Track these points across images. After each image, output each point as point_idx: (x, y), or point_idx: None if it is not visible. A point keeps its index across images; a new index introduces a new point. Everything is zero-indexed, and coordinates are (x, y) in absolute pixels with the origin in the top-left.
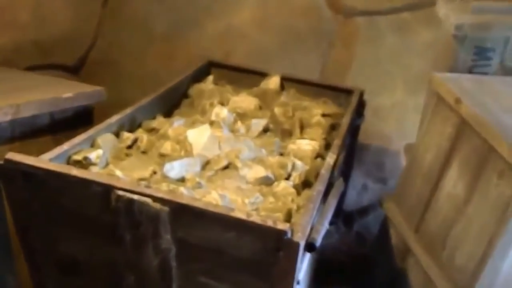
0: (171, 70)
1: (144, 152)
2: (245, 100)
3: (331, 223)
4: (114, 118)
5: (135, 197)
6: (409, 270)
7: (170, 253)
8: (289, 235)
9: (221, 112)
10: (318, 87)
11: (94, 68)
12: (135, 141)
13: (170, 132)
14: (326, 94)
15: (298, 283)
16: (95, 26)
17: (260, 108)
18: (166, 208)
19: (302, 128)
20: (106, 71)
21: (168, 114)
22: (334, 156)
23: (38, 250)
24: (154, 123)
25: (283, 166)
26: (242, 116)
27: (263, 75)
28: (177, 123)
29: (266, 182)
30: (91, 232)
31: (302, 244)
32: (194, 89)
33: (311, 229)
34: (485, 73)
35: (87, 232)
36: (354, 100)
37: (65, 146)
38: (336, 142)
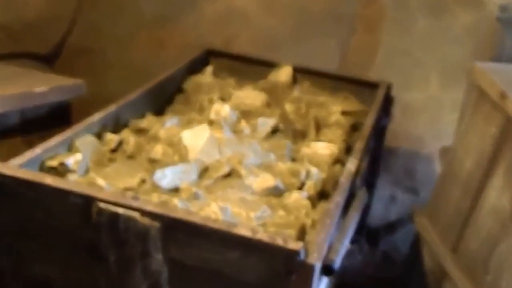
0: (163, 59)
1: (131, 157)
2: (250, 95)
3: (352, 241)
4: (96, 117)
5: (120, 210)
6: None
7: (162, 276)
8: (302, 255)
9: (222, 110)
10: (337, 80)
11: (72, 57)
12: (120, 143)
13: (162, 133)
14: (346, 88)
15: None
16: (73, 8)
17: (268, 104)
18: (156, 224)
19: (318, 128)
20: (86, 61)
21: (159, 111)
22: (356, 162)
23: (6, 270)
24: (143, 123)
25: (295, 173)
26: (246, 114)
27: (271, 65)
28: (170, 122)
29: (275, 192)
30: (68, 251)
31: (317, 266)
32: (190, 82)
33: (329, 248)
34: None
35: (64, 251)
36: (379, 95)
37: (38, 149)
38: (359, 145)
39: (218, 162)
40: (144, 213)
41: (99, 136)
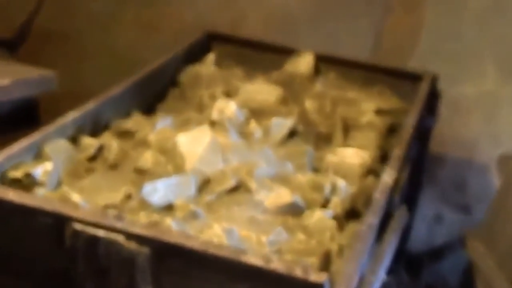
0: (153, 45)
1: (113, 167)
2: (262, 90)
3: (389, 272)
4: (70, 117)
5: (101, 233)
6: None
7: None
8: None
9: (227, 108)
10: (370, 71)
11: (40, 43)
12: (100, 150)
13: (152, 136)
14: (381, 81)
15: None
16: None
17: (284, 101)
18: (145, 250)
19: (346, 131)
20: (58, 48)
21: (148, 110)
22: (394, 173)
23: None
24: (129, 124)
25: (318, 187)
26: (257, 113)
27: (288, 52)
28: (161, 123)
29: (293, 211)
30: (36, 283)
31: None
32: (186, 74)
33: (360, 281)
34: None
35: (31, 282)
36: (423, 89)
37: None
38: (397, 152)
39: (221, 173)
40: (130, 236)
41: (73, 140)
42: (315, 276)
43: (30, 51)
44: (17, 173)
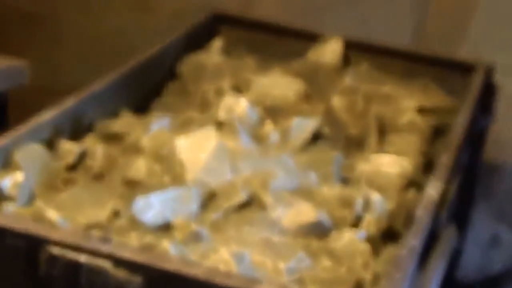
0: (146, 29)
1: (98, 177)
2: (280, 84)
3: None
4: (46, 116)
5: (82, 258)
6: None
7: None
8: None
9: (237, 105)
10: (411, 60)
11: (8, 26)
12: (82, 157)
13: (146, 141)
14: (425, 73)
15: None
16: None
17: (307, 97)
18: (137, 279)
19: (382, 133)
20: (30, 33)
21: (141, 108)
22: (441, 185)
23: None
24: (117, 125)
25: (347, 202)
26: (274, 112)
27: (311, 38)
28: (157, 124)
29: (317, 231)
30: None
31: None
32: (188, 64)
33: None
34: None
35: None
36: (475, 83)
37: None
38: (444, 160)
39: (230, 185)
40: (118, 262)
41: (50, 145)
42: None
43: None
44: None
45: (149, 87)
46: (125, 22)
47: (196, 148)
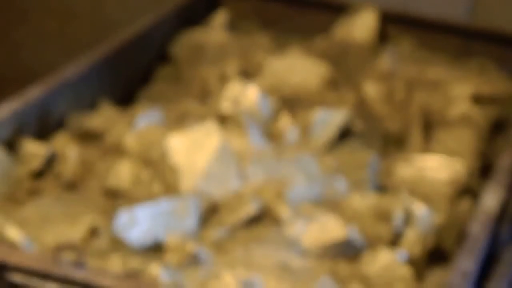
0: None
1: (71, 186)
2: (299, 68)
3: None
4: (4, 110)
5: (51, 287)
6: None
7: None
8: None
9: (245, 95)
10: (466, 37)
11: None
12: (51, 161)
13: (130, 140)
14: (482, 52)
15: None
16: None
17: (333, 84)
18: None
19: (428, 129)
20: None
21: (124, 98)
22: (502, 194)
23: None
24: (94, 120)
25: (384, 216)
26: (292, 103)
27: (339, 9)
28: (144, 119)
29: (346, 252)
30: None
31: None
32: (183, 44)
33: None
34: None
35: None
36: None
37: None
38: (506, 162)
39: (237, 196)
40: None
41: (10, 146)
42: None
43: None
44: None
45: (134, 72)
46: None
47: (194, 149)
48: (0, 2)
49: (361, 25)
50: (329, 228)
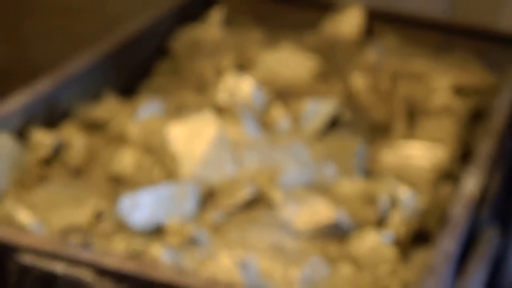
0: None
1: (77, 173)
2: (291, 61)
3: None
4: (15, 102)
5: (59, 267)
6: None
7: None
8: None
9: (240, 86)
10: (446, 32)
11: None
12: (59, 149)
13: (132, 129)
14: (462, 46)
15: None
16: None
17: (323, 76)
18: None
19: (412, 118)
20: None
21: (126, 90)
22: (481, 178)
23: None
24: (98, 111)
25: (371, 199)
26: (284, 94)
27: (327, 6)
28: (145, 110)
29: (336, 233)
30: None
31: None
32: (181, 39)
33: None
34: None
35: None
36: None
37: None
38: (485, 148)
39: (232, 181)
40: (101, 272)
41: (20, 135)
42: None
43: None
44: None
45: (136, 65)
46: None
47: (192, 138)
48: (9, 1)
49: (348, 22)
50: (319, 211)
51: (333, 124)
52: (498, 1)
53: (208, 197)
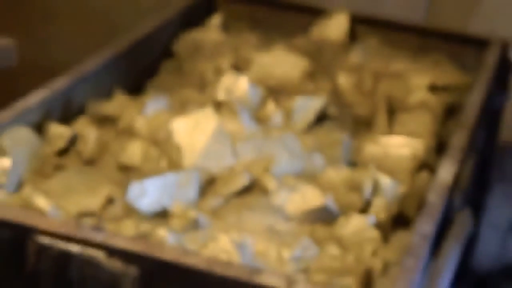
0: (140, 4)
1: (90, 162)
2: (283, 62)
3: None
4: (34, 98)
5: (74, 248)
6: None
7: None
8: None
9: (237, 85)
10: (423, 36)
11: None
12: (73, 141)
13: (140, 123)
14: (437, 48)
15: None
16: None
17: (312, 76)
18: (132, 270)
19: (392, 113)
20: (17, 9)
21: (135, 88)
22: (454, 168)
23: None
24: (110, 107)
25: (355, 187)
26: (277, 91)
27: (316, 12)
28: (152, 106)
29: (324, 217)
30: None
31: None
32: (184, 42)
33: None
34: None
35: None
36: (491, 59)
37: None
38: (458, 141)
39: (230, 170)
40: (112, 252)
41: (39, 128)
42: None
43: None
44: None
45: (143, 66)
46: None
47: (194, 131)
48: (33, 6)
49: (335, 26)
50: (309, 197)
51: (321, 119)
52: (469, 9)
53: (208, 184)
